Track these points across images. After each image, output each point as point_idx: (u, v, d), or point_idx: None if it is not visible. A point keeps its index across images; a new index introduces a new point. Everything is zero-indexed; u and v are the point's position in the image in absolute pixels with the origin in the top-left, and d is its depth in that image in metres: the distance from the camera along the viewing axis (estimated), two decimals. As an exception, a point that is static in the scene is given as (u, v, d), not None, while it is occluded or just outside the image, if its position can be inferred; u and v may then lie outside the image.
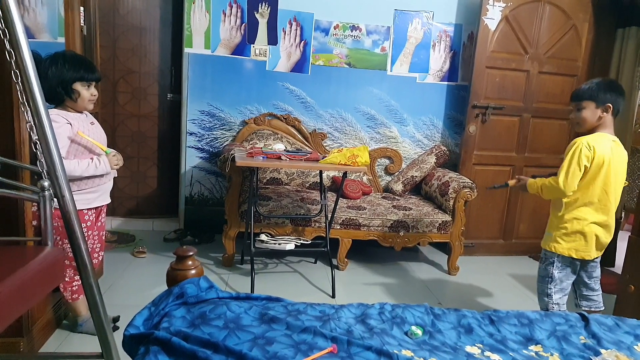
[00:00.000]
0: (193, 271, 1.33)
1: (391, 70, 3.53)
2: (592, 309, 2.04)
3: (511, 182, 2.23)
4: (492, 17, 3.27)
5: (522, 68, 3.42)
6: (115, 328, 2.01)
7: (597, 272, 2.05)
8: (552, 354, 1.27)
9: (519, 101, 3.48)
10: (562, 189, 1.90)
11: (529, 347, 1.31)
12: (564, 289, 1.99)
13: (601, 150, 1.87)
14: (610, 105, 1.88)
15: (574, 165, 1.87)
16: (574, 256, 1.95)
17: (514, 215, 3.62)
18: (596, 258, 2.01)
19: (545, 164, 3.60)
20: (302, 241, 2.80)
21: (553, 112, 3.55)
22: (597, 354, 1.28)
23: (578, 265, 1.99)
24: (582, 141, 1.89)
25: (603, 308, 2.07)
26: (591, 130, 1.95)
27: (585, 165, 1.87)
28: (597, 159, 1.87)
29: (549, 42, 3.42)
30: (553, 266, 1.98)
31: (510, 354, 1.24)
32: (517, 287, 3.04)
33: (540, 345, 1.32)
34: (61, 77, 1.82)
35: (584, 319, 1.47)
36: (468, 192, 3.07)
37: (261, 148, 2.85)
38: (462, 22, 3.54)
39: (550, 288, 1.99)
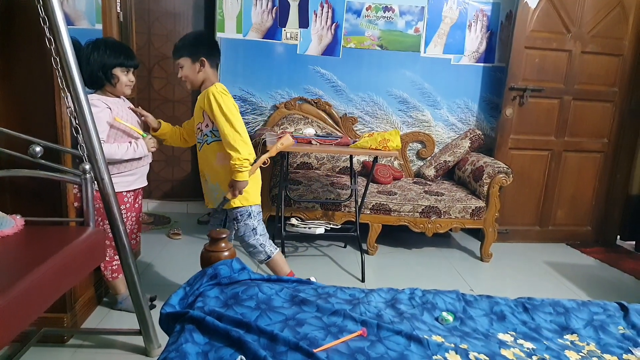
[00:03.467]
0: (226, 253, 1.36)
1: (425, 52, 3.45)
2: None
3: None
4: (532, -6, 3.13)
5: (563, 48, 3.27)
6: (152, 306, 2.08)
7: None
8: (588, 344, 1.24)
9: (559, 83, 3.33)
10: (240, 150, 1.86)
11: (564, 336, 1.27)
12: (265, 233, 2.09)
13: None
14: (204, 59, 1.91)
15: (230, 110, 1.86)
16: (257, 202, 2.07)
17: (551, 201, 3.51)
18: None
19: (586, 148, 3.46)
20: (332, 225, 2.81)
21: (596, 94, 3.39)
22: (637, 345, 1.24)
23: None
24: (217, 90, 1.87)
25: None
26: (200, 88, 1.96)
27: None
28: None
29: (593, 20, 3.24)
30: (251, 218, 2.04)
31: (545, 342, 1.22)
32: (553, 274, 2.96)
33: (576, 334, 1.28)
34: (102, 62, 1.88)
35: (623, 308, 1.42)
36: (503, 178, 2.99)
37: (292, 132, 2.86)
38: (499, 0, 3.41)
39: (257, 238, 2.05)
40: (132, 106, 2.07)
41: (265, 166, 2.11)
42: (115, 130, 1.94)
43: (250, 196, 2.02)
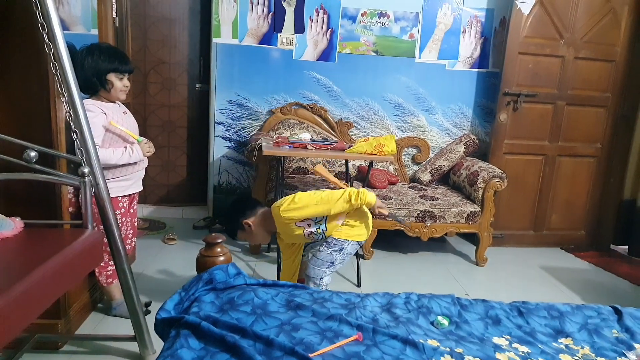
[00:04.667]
0: (222, 258, 1.36)
1: (419, 58, 3.47)
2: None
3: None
4: (526, 1, 3.16)
5: (557, 54, 3.30)
6: (147, 312, 2.07)
7: None
8: (582, 347, 1.25)
9: (553, 88, 3.36)
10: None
11: (559, 340, 1.28)
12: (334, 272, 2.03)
13: None
14: None
15: None
16: (360, 240, 2.00)
17: (545, 205, 3.53)
18: None
19: (579, 152, 3.49)
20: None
21: (589, 100, 3.42)
22: (631, 348, 1.25)
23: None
24: None
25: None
26: None
27: None
28: None
29: (586, 26, 3.28)
30: (340, 252, 1.95)
31: (539, 346, 1.22)
32: (548, 279, 2.97)
33: (570, 338, 1.29)
34: (96, 68, 1.87)
35: (617, 312, 1.43)
36: (498, 182, 3.00)
37: (287, 137, 2.87)
38: (493, 7, 3.44)
39: (324, 271, 1.97)
40: (127, 111, 2.07)
41: None
42: (111, 135, 1.93)
43: (353, 232, 1.96)
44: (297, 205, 1.85)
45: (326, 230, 1.90)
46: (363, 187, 2.80)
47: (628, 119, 3.47)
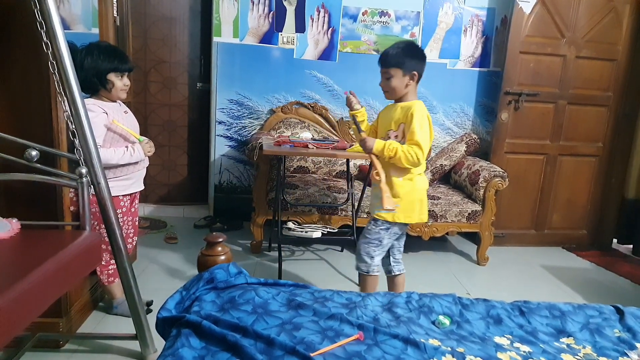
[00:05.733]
0: (222, 257, 1.36)
1: (420, 57, 3.46)
2: (402, 272, 2.10)
3: (362, 135, 1.94)
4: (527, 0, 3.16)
5: (558, 53, 3.29)
6: (149, 311, 2.07)
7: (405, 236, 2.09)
8: (584, 347, 1.24)
9: (554, 87, 3.36)
10: (422, 162, 1.84)
11: (561, 340, 1.28)
12: (384, 252, 2.01)
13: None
14: (415, 72, 1.86)
15: (428, 139, 1.83)
16: (407, 222, 1.95)
17: (547, 205, 3.52)
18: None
19: (581, 152, 3.49)
20: (328, 229, 2.81)
21: (591, 99, 3.42)
22: (633, 348, 1.24)
23: (404, 230, 2.03)
24: (422, 110, 1.84)
25: (405, 271, 2.10)
26: (400, 99, 1.91)
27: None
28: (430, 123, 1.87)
29: (587, 25, 3.28)
30: (387, 231, 1.95)
31: (541, 345, 1.22)
32: (549, 278, 2.97)
33: (572, 337, 1.29)
34: (96, 67, 1.87)
35: (619, 311, 1.43)
36: (499, 182, 3.00)
37: (288, 136, 2.86)
38: (494, 6, 3.44)
39: (375, 250, 1.96)
40: (128, 110, 2.07)
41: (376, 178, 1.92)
42: (112, 135, 1.93)
43: (400, 214, 1.92)
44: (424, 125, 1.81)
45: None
46: (364, 186, 2.80)
47: (630, 118, 3.46)
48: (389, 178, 1.89)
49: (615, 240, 3.68)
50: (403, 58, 1.84)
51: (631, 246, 3.59)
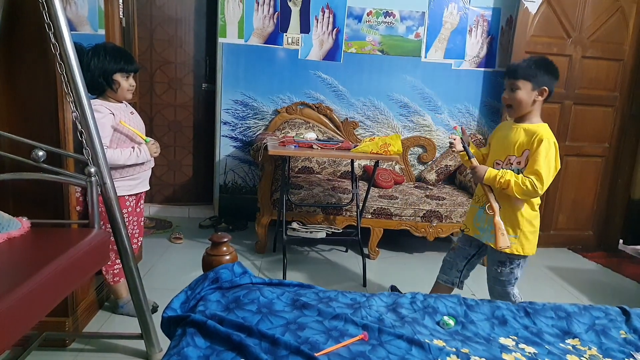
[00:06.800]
0: (227, 257, 1.37)
1: (425, 57, 3.46)
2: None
3: (472, 162, 1.81)
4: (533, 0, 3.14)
5: (564, 53, 3.28)
6: (154, 310, 2.08)
7: None
8: (590, 348, 1.24)
9: (560, 87, 3.34)
10: (540, 193, 1.69)
11: (566, 341, 1.27)
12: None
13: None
14: (546, 88, 1.71)
15: (553, 168, 1.68)
16: (533, 253, 1.83)
17: (552, 205, 3.51)
18: None
19: (587, 152, 3.47)
20: (333, 230, 2.81)
21: (597, 99, 3.40)
22: (639, 349, 1.24)
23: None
24: (549, 137, 1.69)
25: None
26: (523, 117, 1.77)
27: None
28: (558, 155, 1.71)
29: (593, 25, 3.26)
30: (519, 268, 1.84)
31: (546, 346, 1.21)
32: (555, 279, 2.96)
33: (577, 339, 1.28)
34: (103, 68, 1.88)
35: (625, 313, 1.42)
36: (504, 182, 2.98)
37: (293, 137, 2.87)
38: (500, 5, 3.42)
39: (515, 287, 1.88)
40: (134, 111, 2.08)
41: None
42: (118, 135, 1.94)
43: (529, 246, 1.82)
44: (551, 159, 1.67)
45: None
46: (368, 187, 2.80)
47: (636, 118, 3.44)
48: (511, 207, 1.76)
49: (621, 241, 3.65)
50: (535, 71, 1.71)
51: (638, 247, 3.57)
